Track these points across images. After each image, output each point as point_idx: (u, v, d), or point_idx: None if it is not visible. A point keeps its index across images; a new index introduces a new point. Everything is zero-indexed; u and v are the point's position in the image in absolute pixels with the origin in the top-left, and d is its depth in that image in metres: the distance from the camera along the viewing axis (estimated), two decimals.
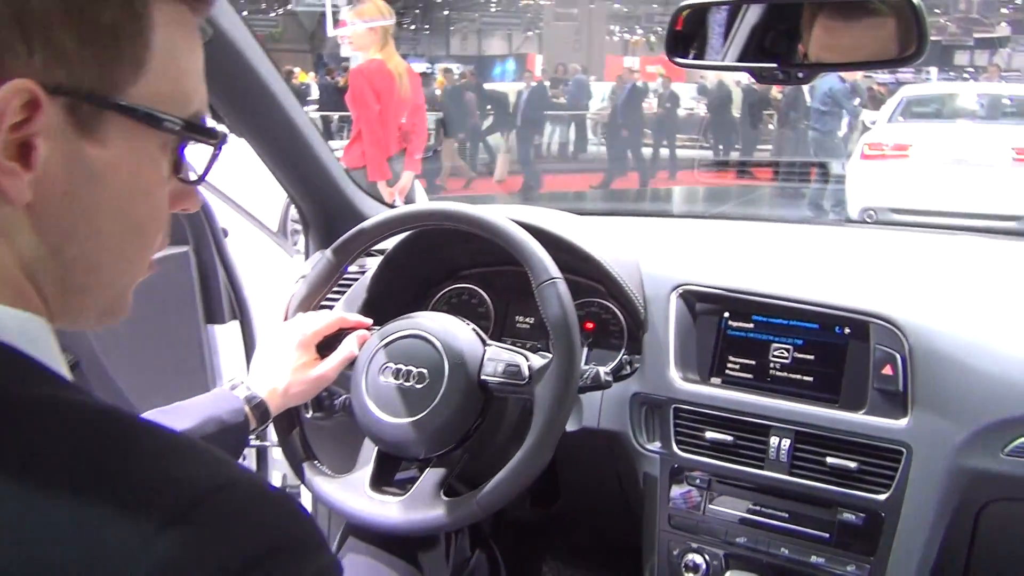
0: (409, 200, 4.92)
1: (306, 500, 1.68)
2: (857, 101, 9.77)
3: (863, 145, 8.32)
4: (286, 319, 1.43)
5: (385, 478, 1.36)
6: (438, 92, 13.91)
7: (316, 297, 1.44)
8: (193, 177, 0.74)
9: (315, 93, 15.31)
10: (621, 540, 1.67)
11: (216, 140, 0.71)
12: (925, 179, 7.68)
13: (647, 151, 13.11)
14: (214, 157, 0.74)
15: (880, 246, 1.83)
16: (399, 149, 5.03)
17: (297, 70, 17.17)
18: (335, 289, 1.72)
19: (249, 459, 2.09)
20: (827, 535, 1.33)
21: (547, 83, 15.06)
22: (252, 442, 1.87)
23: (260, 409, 1.30)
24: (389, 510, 1.29)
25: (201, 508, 0.54)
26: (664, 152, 13.42)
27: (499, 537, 1.97)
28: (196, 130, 0.69)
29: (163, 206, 0.71)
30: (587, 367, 1.35)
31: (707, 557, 1.42)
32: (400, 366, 1.32)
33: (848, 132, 9.65)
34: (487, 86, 15.27)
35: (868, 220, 7.49)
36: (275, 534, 0.57)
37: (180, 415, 1.23)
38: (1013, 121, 8.66)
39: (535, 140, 13.29)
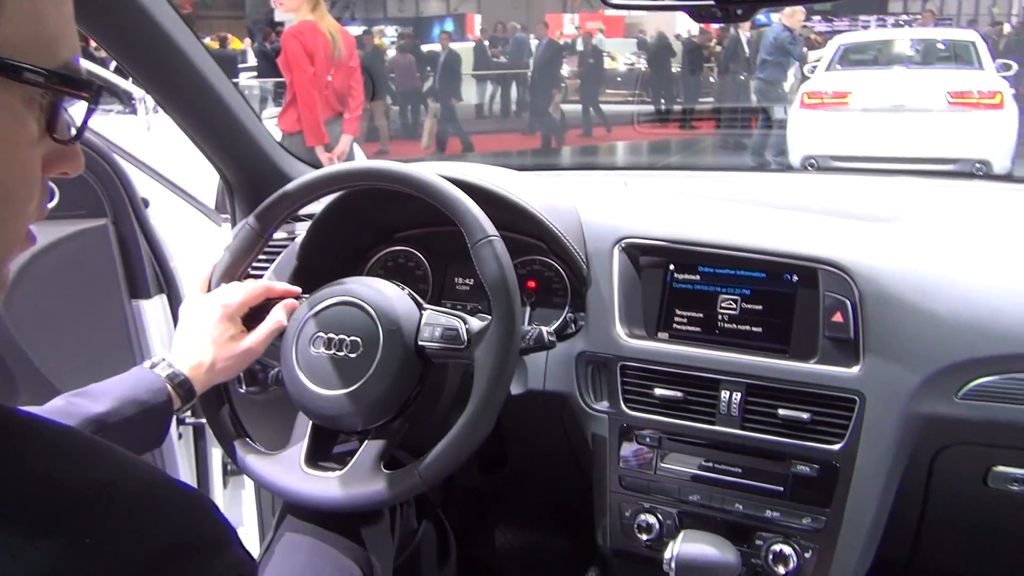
0: None
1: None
2: (805, 48, 9.78)
3: (802, 94, 8.35)
4: (209, 291, 1.34)
5: (322, 453, 1.30)
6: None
7: (239, 267, 1.36)
8: (70, 135, 0.65)
9: (252, 60, 14.89)
10: (573, 501, 1.63)
11: (89, 92, 0.63)
12: (864, 126, 7.74)
13: (574, 108, 13.00)
14: (90, 112, 0.65)
15: (824, 192, 1.79)
16: (335, 112, 4.91)
17: (231, 37, 16.71)
18: (263, 257, 1.64)
19: (185, 437, 2.01)
20: (781, 488, 1.30)
21: (486, 42, 14.86)
22: (187, 420, 1.80)
23: (184, 387, 1.23)
24: (327, 486, 1.23)
25: (81, 513, 0.47)
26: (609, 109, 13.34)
27: (448, 505, 1.92)
28: (64, 82, 0.60)
29: (34, 169, 0.62)
30: (529, 328, 1.29)
31: (660, 517, 1.38)
32: (332, 335, 1.25)
33: (795, 82, 9.67)
34: (425, 47, 15.01)
35: (810, 168, 7.54)
36: (167, 537, 0.51)
37: (95, 398, 1.15)
38: (947, 66, 8.75)
39: (475, 101, 13.11)
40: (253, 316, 1.31)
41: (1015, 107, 7.61)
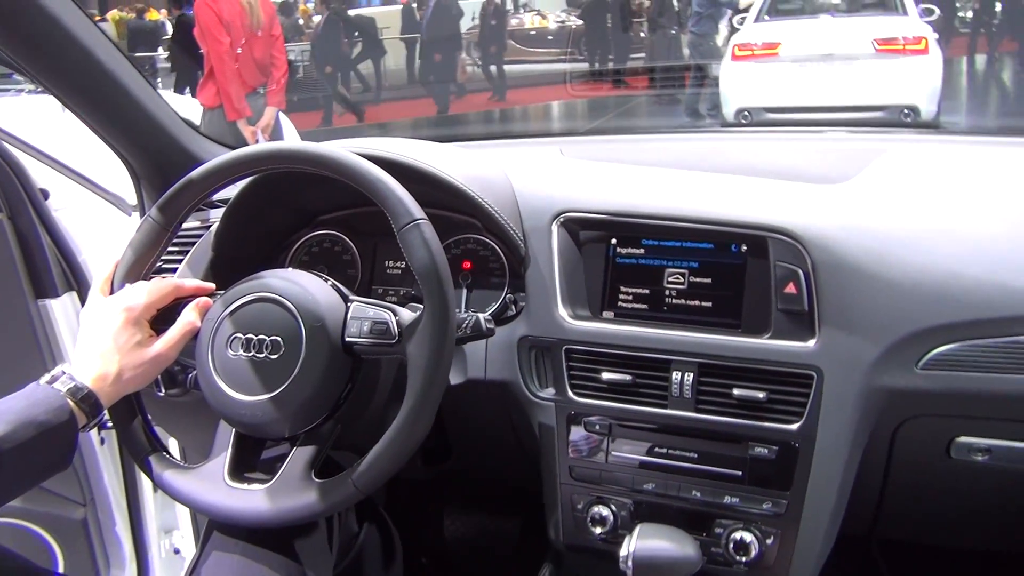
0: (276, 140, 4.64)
1: None
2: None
3: (733, 46, 8.31)
4: (111, 292, 1.22)
5: (247, 463, 1.19)
6: (301, 22, 13.22)
7: (144, 264, 1.23)
8: None
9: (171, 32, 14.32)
10: (524, 489, 1.55)
11: None
12: (794, 76, 7.73)
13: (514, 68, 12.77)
14: None
15: (769, 152, 1.71)
16: (258, 84, 4.72)
17: (150, 7, 16.09)
18: (176, 250, 1.51)
19: (109, 442, 1.88)
20: (739, 472, 1.24)
21: (414, 5, 14.50)
22: (109, 424, 1.67)
23: (88, 401, 1.11)
24: (253, 501, 1.13)
25: None
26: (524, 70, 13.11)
27: (392, 500, 1.83)
28: None
29: None
30: (466, 314, 1.20)
31: (614, 508, 1.31)
32: (250, 335, 1.15)
33: (728, 34, 9.63)
34: (352, 12, 14.62)
35: (744, 121, 7.52)
36: None
37: None
38: (872, 13, 8.78)
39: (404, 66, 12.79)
40: (163, 318, 1.20)
41: (939, 52, 7.67)
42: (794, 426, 1.19)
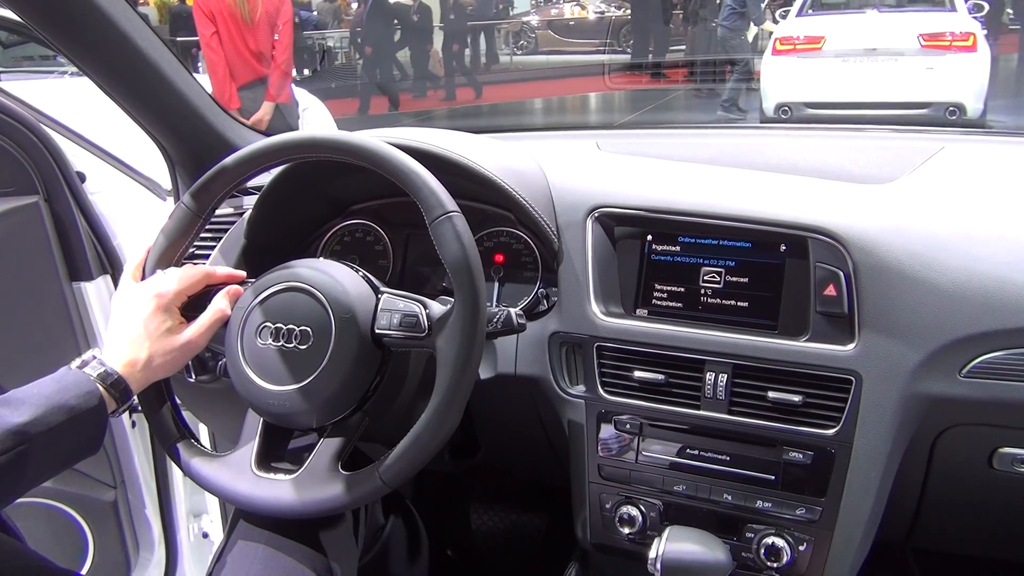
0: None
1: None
2: (764, 4, 9.62)
3: (775, 40, 8.20)
4: (143, 278, 1.21)
5: (274, 453, 1.19)
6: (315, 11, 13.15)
7: (176, 250, 1.23)
8: None
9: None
10: (552, 485, 1.54)
11: None
12: (837, 71, 7.62)
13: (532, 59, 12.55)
14: None
15: (807, 151, 1.67)
16: (258, 75, 4.71)
17: None
18: (209, 236, 1.51)
19: (140, 426, 1.89)
20: (772, 477, 1.21)
21: None
22: (140, 407, 1.68)
23: (118, 387, 1.11)
24: (280, 491, 1.12)
25: None
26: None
27: (419, 493, 1.82)
28: None
29: None
30: (497, 309, 1.18)
31: (643, 509, 1.29)
32: (280, 325, 1.14)
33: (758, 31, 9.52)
34: None
35: (783, 116, 7.43)
36: None
37: (15, 406, 1.03)
38: (920, 8, 8.62)
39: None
40: (194, 305, 1.20)
41: (987, 48, 7.51)
42: (831, 431, 1.16)
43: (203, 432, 1.86)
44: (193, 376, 1.40)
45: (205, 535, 2.02)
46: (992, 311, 1.11)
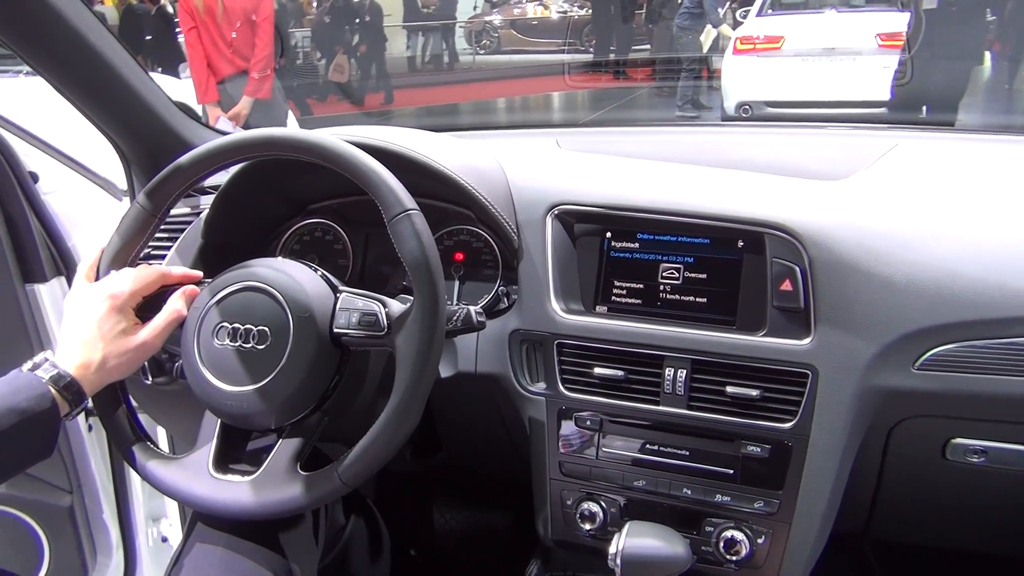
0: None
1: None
2: (722, 12, 9.69)
3: (735, 40, 8.27)
4: (97, 279, 1.20)
5: (232, 454, 1.18)
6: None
7: (130, 250, 1.22)
8: None
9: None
10: (514, 481, 1.54)
11: None
12: (797, 70, 7.70)
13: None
14: None
15: (766, 148, 1.69)
16: (238, 70, 4.75)
17: None
18: (166, 236, 1.49)
19: (97, 429, 1.86)
20: (731, 471, 1.22)
21: None
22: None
23: (72, 390, 1.10)
24: (238, 492, 1.11)
25: None
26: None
27: (380, 493, 1.82)
28: None
29: None
30: (457, 307, 1.18)
31: (604, 505, 1.30)
32: (237, 325, 1.13)
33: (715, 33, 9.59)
34: None
35: (744, 115, 7.49)
36: None
37: None
38: (876, 8, 8.75)
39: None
40: (149, 306, 1.19)
41: None
42: (788, 425, 1.18)
43: (161, 435, 1.84)
44: (149, 378, 1.39)
45: (164, 539, 1.99)
46: (944, 304, 1.13)
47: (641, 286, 1.30)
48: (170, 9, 10.13)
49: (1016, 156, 1.56)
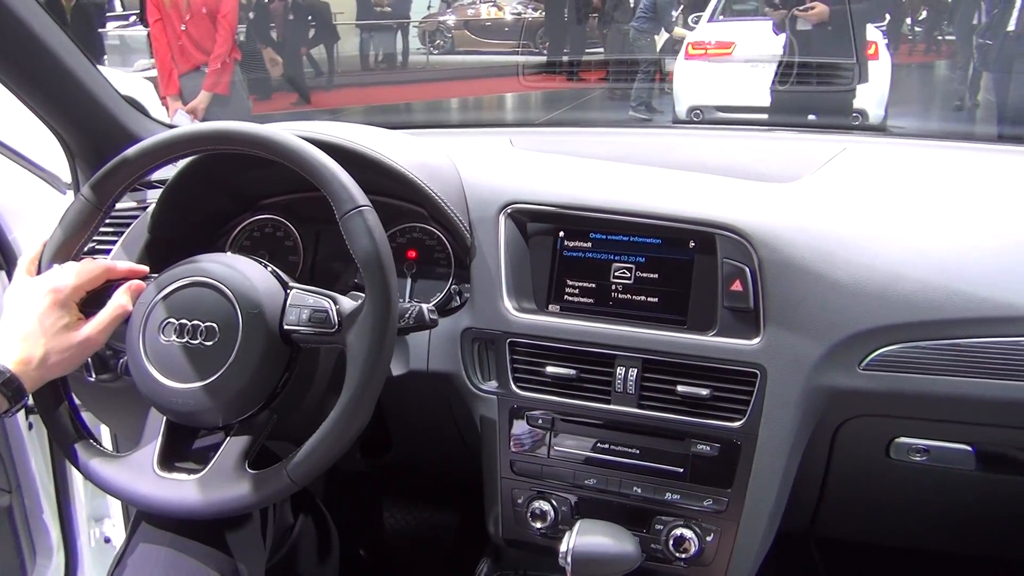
0: None
1: None
2: (675, 16, 9.79)
3: (687, 44, 8.35)
4: (39, 272, 1.17)
5: (178, 452, 1.16)
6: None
7: (74, 244, 1.19)
8: None
9: (120, 8, 13.74)
10: (465, 480, 1.54)
11: None
12: (746, 76, 7.78)
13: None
14: None
15: (717, 150, 1.70)
16: (196, 64, 4.75)
17: None
18: (110, 231, 1.47)
19: (37, 427, 1.82)
20: (681, 469, 1.23)
21: None
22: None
23: (12, 386, 1.08)
24: (183, 491, 1.10)
25: None
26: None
27: (330, 492, 1.80)
28: None
29: None
30: (409, 304, 1.17)
31: (555, 503, 1.30)
32: (184, 321, 1.11)
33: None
34: None
35: (695, 119, 7.56)
36: None
37: None
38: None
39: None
40: (93, 301, 1.16)
41: (888, 57, 7.78)
42: (737, 424, 1.19)
43: (104, 433, 1.81)
44: (93, 375, 1.37)
45: (107, 540, 1.95)
46: (888, 306, 1.15)
47: (593, 285, 1.30)
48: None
49: (956, 162, 1.60)
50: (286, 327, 1.10)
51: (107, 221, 1.23)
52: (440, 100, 11.48)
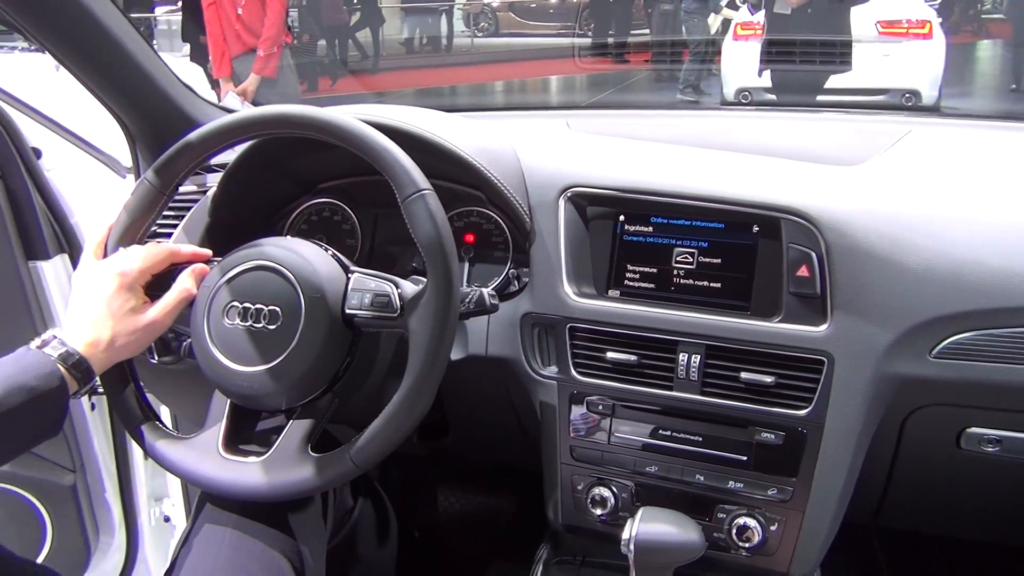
0: None
1: None
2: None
3: (735, 25, 8.22)
4: (105, 256, 1.18)
5: (242, 435, 1.17)
6: None
7: (139, 228, 1.20)
8: None
9: None
10: (522, 466, 1.53)
11: None
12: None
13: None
14: None
15: (774, 133, 1.67)
16: (248, 48, 4.81)
17: None
18: (172, 214, 1.48)
19: (100, 408, 1.85)
20: (744, 457, 1.21)
21: None
22: (100, 389, 1.65)
23: (80, 368, 1.08)
24: (248, 473, 1.10)
25: None
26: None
27: (387, 474, 1.81)
28: None
29: None
30: (469, 289, 1.17)
31: (615, 490, 1.29)
32: (247, 304, 1.12)
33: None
34: None
35: (744, 101, 7.46)
36: None
37: None
38: None
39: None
40: (158, 284, 1.17)
41: (942, 36, 7.60)
42: (802, 412, 1.17)
43: (165, 415, 1.83)
44: (156, 357, 1.38)
45: (167, 519, 1.98)
46: (961, 292, 1.11)
47: (654, 270, 1.28)
48: None
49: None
50: (348, 311, 1.10)
51: (168, 205, 1.24)
52: (487, 83, 11.45)
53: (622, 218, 1.30)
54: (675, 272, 1.27)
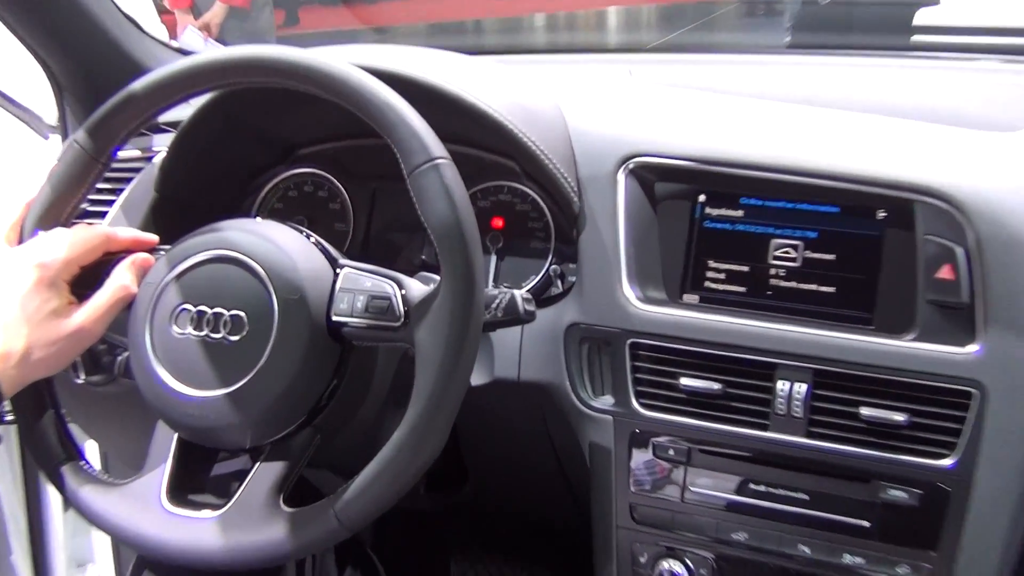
0: None
1: None
2: None
3: None
4: (20, 241, 1.20)
5: (193, 481, 1.19)
6: None
7: (66, 204, 1.23)
8: None
9: None
10: (564, 526, 1.54)
11: None
12: None
13: None
14: None
15: (906, 86, 1.67)
16: None
17: None
18: (106, 187, 1.51)
19: (7, 440, 1.88)
20: (866, 523, 1.21)
21: None
22: (8, 418, 1.68)
23: None
24: (199, 532, 1.12)
25: None
26: None
27: (381, 537, 1.82)
28: None
29: None
30: (496, 291, 1.18)
31: (690, 564, 1.31)
32: (203, 308, 1.14)
33: None
34: None
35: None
36: None
37: None
38: None
39: None
40: (87, 279, 1.19)
41: None
42: (945, 462, 1.17)
43: (93, 451, 1.86)
44: (82, 375, 1.41)
45: None
46: None
47: (746, 269, 1.29)
48: None
49: None
50: (335, 318, 1.11)
51: (105, 175, 1.26)
52: (523, 16, 11.47)
53: (703, 198, 1.32)
54: (773, 271, 1.28)
